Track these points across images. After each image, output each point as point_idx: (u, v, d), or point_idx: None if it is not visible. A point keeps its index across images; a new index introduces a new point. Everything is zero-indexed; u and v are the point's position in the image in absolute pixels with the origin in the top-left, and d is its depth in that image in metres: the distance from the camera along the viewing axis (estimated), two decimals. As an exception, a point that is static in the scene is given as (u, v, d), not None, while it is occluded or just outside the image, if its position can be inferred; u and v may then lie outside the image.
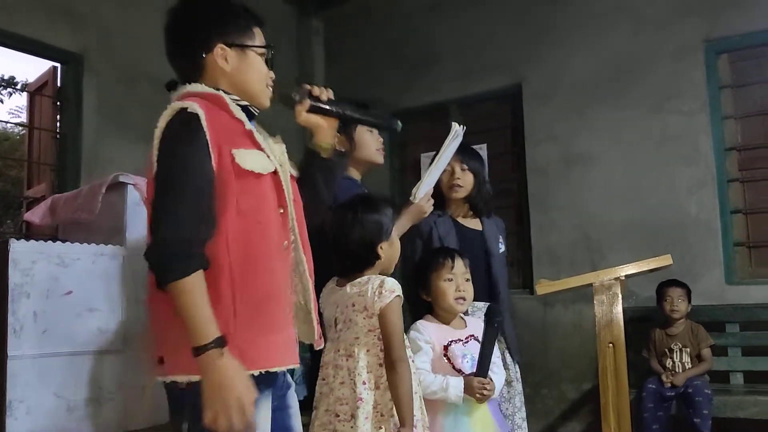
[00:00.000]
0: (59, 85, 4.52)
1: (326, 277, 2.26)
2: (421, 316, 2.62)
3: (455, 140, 2.83)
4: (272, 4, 5.89)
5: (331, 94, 1.88)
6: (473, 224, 3.05)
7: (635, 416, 3.62)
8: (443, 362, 2.48)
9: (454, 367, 2.47)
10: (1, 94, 13.23)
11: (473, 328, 2.59)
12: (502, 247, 3.04)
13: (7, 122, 12.93)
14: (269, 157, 1.65)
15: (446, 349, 2.50)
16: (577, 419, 4.65)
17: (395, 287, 2.13)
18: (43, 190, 4.48)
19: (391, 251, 2.25)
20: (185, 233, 1.48)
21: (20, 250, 2.96)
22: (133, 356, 3.28)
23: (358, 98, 1.96)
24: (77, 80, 4.46)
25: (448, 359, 2.49)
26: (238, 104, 1.67)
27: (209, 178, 1.52)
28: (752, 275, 4.36)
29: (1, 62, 24.68)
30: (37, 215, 3.73)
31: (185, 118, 1.54)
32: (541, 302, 4.72)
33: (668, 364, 3.91)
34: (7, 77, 13.31)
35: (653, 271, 3.35)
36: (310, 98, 1.86)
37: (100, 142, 4.47)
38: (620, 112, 4.72)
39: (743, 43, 4.42)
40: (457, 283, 2.56)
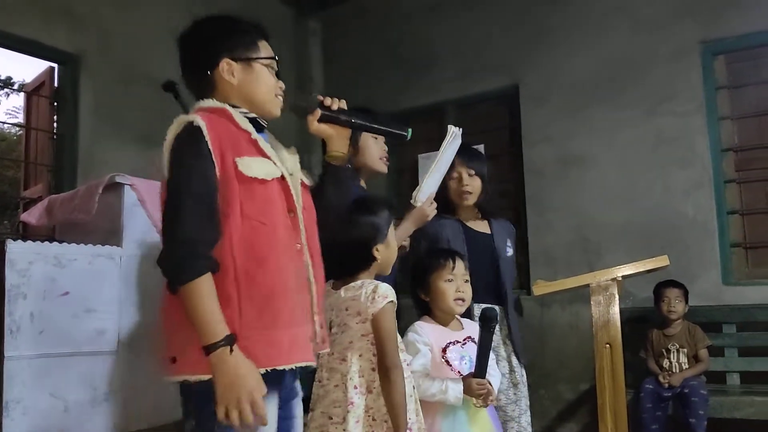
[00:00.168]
0: (56, 85, 4.51)
1: None
2: (420, 315, 2.62)
3: (453, 142, 2.83)
4: (269, 5, 5.89)
5: (343, 104, 1.91)
6: (481, 227, 3.05)
7: (633, 417, 3.62)
8: (442, 364, 2.48)
9: (452, 368, 2.48)
10: (-2, 94, 13.19)
11: (470, 329, 2.60)
12: (510, 250, 3.05)
13: (4, 123, 12.94)
14: (276, 163, 1.71)
15: (444, 350, 2.50)
16: (574, 420, 4.66)
17: (388, 293, 2.13)
18: (39, 190, 4.47)
19: (387, 253, 2.26)
20: (192, 238, 1.56)
21: (17, 250, 2.95)
22: (129, 357, 3.27)
23: (361, 104, 1.97)
24: (74, 81, 4.45)
25: (446, 361, 2.49)
26: (246, 116, 1.75)
27: (212, 185, 1.61)
28: (749, 276, 4.37)
29: (-2, 63, 24.61)
30: (33, 216, 3.72)
31: (189, 130, 1.62)
32: (538, 303, 4.72)
33: (665, 364, 3.92)
34: (4, 77, 13.27)
35: (650, 271, 3.35)
36: (320, 108, 1.88)
37: (96, 142, 4.47)
38: (617, 113, 4.73)
39: (739, 44, 4.43)
40: (457, 284, 2.56)
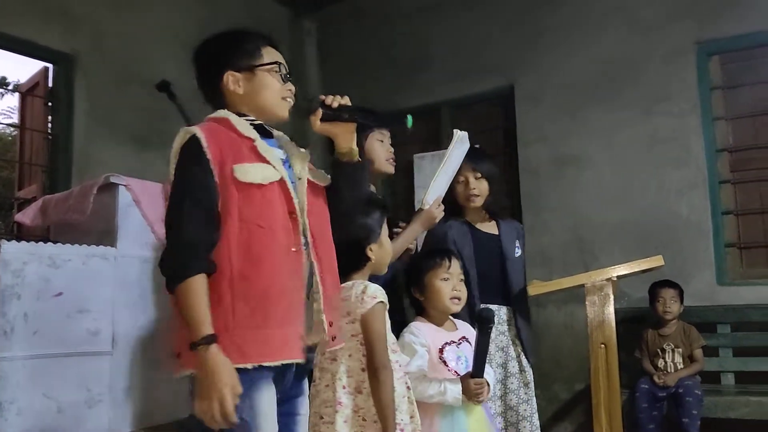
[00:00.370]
0: (51, 85, 4.50)
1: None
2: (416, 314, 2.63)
3: (460, 146, 2.85)
4: (265, 5, 5.89)
5: (345, 100, 1.90)
6: (489, 228, 3.06)
7: (628, 417, 3.63)
8: (439, 364, 2.48)
9: (449, 369, 2.48)
10: (-7, 94, 13.15)
11: (464, 330, 2.61)
12: (519, 251, 3.05)
13: (-2, 123, 12.87)
14: (276, 167, 1.76)
15: (441, 351, 2.51)
16: (569, 420, 4.66)
17: (378, 293, 2.14)
18: (34, 191, 4.45)
19: (381, 252, 2.27)
20: (187, 241, 1.65)
21: (11, 251, 2.94)
22: (123, 358, 3.26)
23: (356, 104, 1.95)
24: (69, 81, 4.44)
25: (443, 362, 2.49)
26: (252, 123, 1.83)
27: (211, 192, 1.69)
28: (743, 276, 4.38)
29: (-7, 63, 24.57)
30: (28, 216, 3.71)
31: (189, 141, 1.72)
32: (533, 303, 4.68)
33: (660, 364, 3.92)
34: (-2, 78, 13.26)
35: (645, 272, 3.36)
36: (322, 107, 1.87)
37: (91, 143, 4.45)
38: (612, 113, 4.73)
39: (734, 45, 4.44)
40: (453, 283, 2.57)
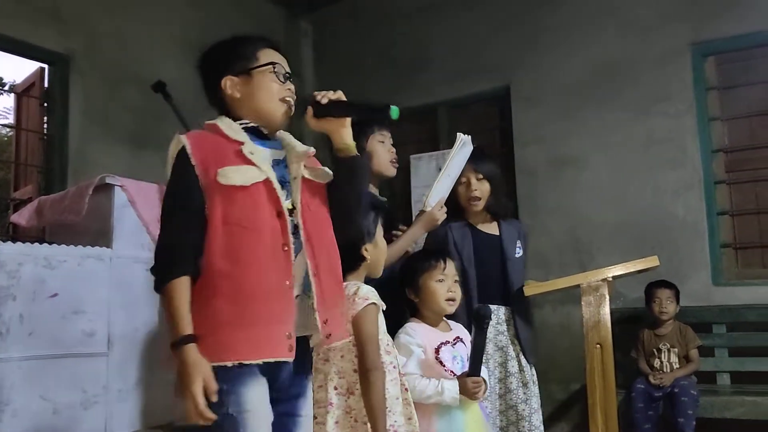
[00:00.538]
0: (46, 86, 4.49)
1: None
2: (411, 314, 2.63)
3: (463, 149, 2.86)
4: (260, 5, 5.88)
5: (337, 95, 1.88)
6: (491, 229, 3.06)
7: (624, 417, 3.63)
8: (435, 365, 2.48)
9: (445, 369, 2.48)
10: (-12, 94, 13.13)
11: (458, 330, 2.61)
12: (519, 251, 3.05)
13: (-6, 124, 12.84)
14: (261, 168, 1.77)
15: (437, 351, 2.51)
16: (565, 420, 4.66)
17: (369, 294, 2.14)
18: (29, 191, 4.45)
19: (376, 253, 2.28)
20: (171, 245, 1.72)
21: (7, 252, 2.94)
22: (119, 359, 3.26)
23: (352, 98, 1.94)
24: (64, 82, 4.43)
25: (440, 362, 2.49)
26: (246, 126, 1.85)
27: (196, 197, 1.73)
28: (739, 276, 4.39)
29: (-12, 63, 24.47)
30: (23, 217, 3.70)
31: (178, 150, 1.77)
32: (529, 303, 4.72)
33: (656, 364, 3.93)
34: (-6, 78, 13.23)
35: (641, 272, 3.36)
36: (312, 105, 1.86)
37: (86, 143, 4.45)
38: (608, 114, 4.74)
39: (730, 45, 4.45)
40: (447, 284, 2.57)
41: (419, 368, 2.44)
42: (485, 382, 2.47)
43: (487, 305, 2.56)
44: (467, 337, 2.57)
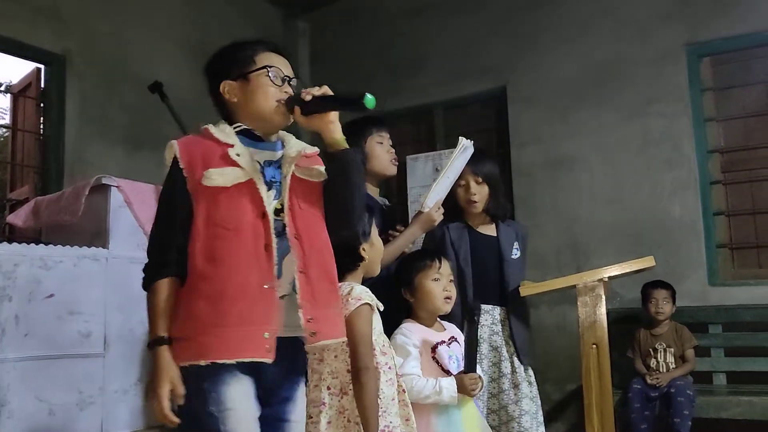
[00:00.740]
0: (42, 87, 4.48)
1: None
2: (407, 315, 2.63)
3: (463, 153, 2.86)
4: (257, 5, 5.88)
5: (323, 90, 1.84)
6: (488, 230, 3.06)
7: (620, 417, 3.64)
8: (432, 364, 2.49)
9: (442, 368, 2.49)
10: (-16, 95, 13.09)
11: (452, 330, 2.62)
12: (517, 252, 3.04)
13: (-10, 124, 12.82)
14: (246, 169, 1.79)
15: (434, 351, 2.51)
16: (561, 420, 4.67)
17: (363, 294, 2.13)
18: (26, 192, 4.44)
19: (372, 252, 2.28)
20: (155, 248, 1.81)
21: (3, 252, 2.94)
22: (115, 360, 3.25)
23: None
24: (60, 82, 4.42)
25: (436, 361, 2.50)
26: (239, 129, 1.86)
27: (182, 201, 1.78)
28: (735, 276, 4.40)
29: (-16, 64, 24.41)
30: (20, 217, 3.70)
31: (172, 156, 1.82)
32: (526, 304, 4.73)
33: (652, 364, 3.93)
34: (-10, 78, 13.19)
35: (637, 272, 3.36)
36: (297, 103, 1.84)
37: (83, 144, 4.44)
38: (604, 115, 4.75)
39: (725, 46, 4.46)
40: (443, 283, 2.58)
41: (417, 369, 2.44)
42: (481, 379, 2.48)
43: (475, 300, 2.57)
44: (461, 336, 2.58)
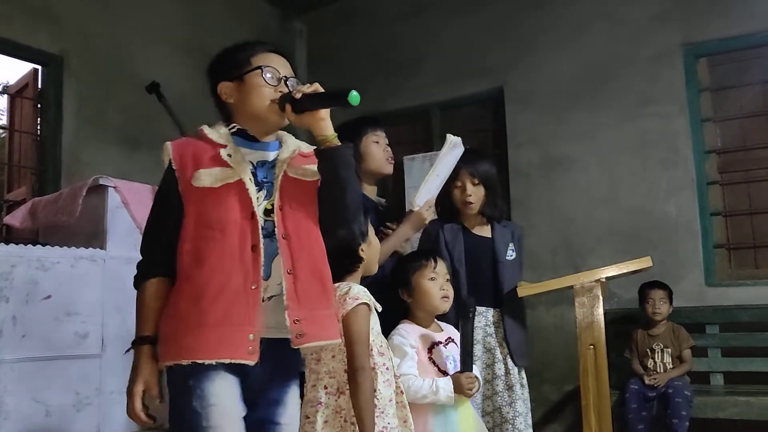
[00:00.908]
0: (40, 87, 4.48)
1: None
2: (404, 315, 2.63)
3: (453, 151, 2.86)
4: (254, 6, 5.88)
5: (313, 87, 1.81)
6: (483, 231, 3.05)
7: (618, 417, 3.64)
8: (429, 365, 2.49)
9: (439, 369, 2.49)
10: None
11: (449, 331, 2.62)
12: (512, 254, 3.03)
13: (-13, 125, 12.80)
14: (235, 169, 1.78)
15: (430, 351, 2.51)
16: (558, 421, 4.67)
17: (360, 294, 2.12)
18: (23, 193, 4.44)
19: (370, 252, 2.28)
20: (144, 249, 1.85)
21: (0, 253, 2.93)
22: (112, 361, 3.24)
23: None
24: (57, 83, 4.41)
25: (433, 362, 2.50)
26: (233, 130, 1.87)
27: (173, 202, 1.79)
28: (732, 277, 4.41)
29: (-19, 64, 24.36)
30: (17, 218, 3.69)
31: (165, 156, 1.84)
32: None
33: (650, 364, 3.94)
34: (-13, 79, 13.17)
35: (634, 273, 3.36)
36: (288, 101, 1.82)
37: (80, 144, 4.44)
38: (601, 115, 4.76)
39: (722, 47, 4.47)
40: (440, 282, 2.57)
41: (414, 369, 2.44)
42: (478, 379, 2.48)
43: (469, 296, 2.56)
44: (458, 337, 2.57)
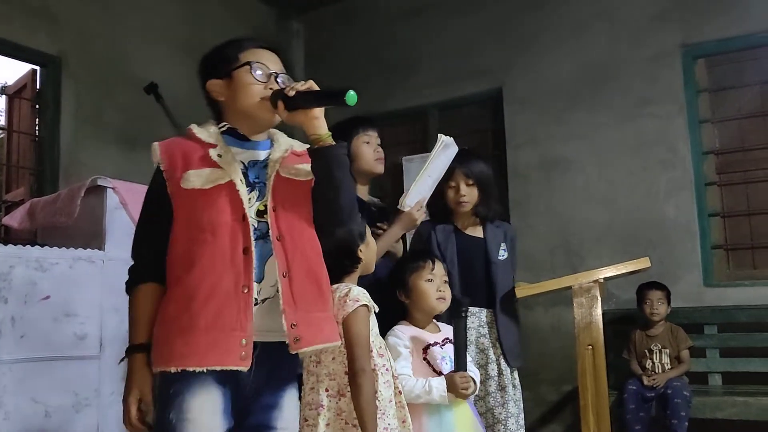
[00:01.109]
0: (38, 88, 4.48)
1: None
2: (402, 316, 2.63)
3: (445, 150, 2.85)
4: (251, 6, 5.88)
5: (307, 85, 1.77)
6: (476, 232, 3.05)
7: (616, 418, 3.64)
8: (423, 365, 2.49)
9: (434, 369, 2.49)
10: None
11: (446, 331, 2.61)
12: (504, 254, 3.03)
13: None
14: (226, 170, 1.73)
15: (426, 351, 2.51)
16: (556, 421, 4.68)
17: (360, 296, 2.12)
18: (21, 193, 4.43)
19: (368, 252, 2.29)
20: (134, 254, 1.84)
21: (-3, 254, 2.93)
22: (111, 362, 3.24)
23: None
24: (56, 83, 4.42)
25: (428, 362, 2.50)
26: (224, 129, 1.83)
27: (162, 205, 1.75)
28: (730, 277, 4.41)
29: (-21, 64, 24.33)
30: (15, 219, 3.69)
31: (155, 157, 1.81)
32: (520, 305, 4.71)
33: (648, 365, 3.94)
34: (-15, 80, 13.15)
35: (632, 273, 3.37)
36: (281, 99, 1.77)
37: (78, 145, 4.44)
38: (599, 116, 4.76)
39: (720, 48, 4.48)
40: (437, 284, 2.58)
41: (408, 369, 2.44)
42: (473, 380, 2.47)
43: (463, 295, 2.57)
44: (455, 337, 2.58)
